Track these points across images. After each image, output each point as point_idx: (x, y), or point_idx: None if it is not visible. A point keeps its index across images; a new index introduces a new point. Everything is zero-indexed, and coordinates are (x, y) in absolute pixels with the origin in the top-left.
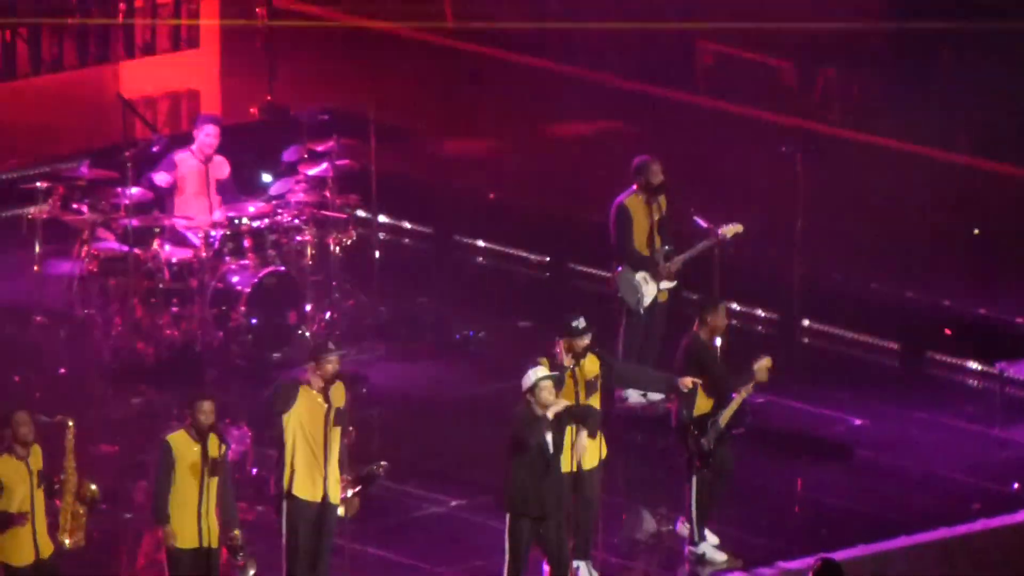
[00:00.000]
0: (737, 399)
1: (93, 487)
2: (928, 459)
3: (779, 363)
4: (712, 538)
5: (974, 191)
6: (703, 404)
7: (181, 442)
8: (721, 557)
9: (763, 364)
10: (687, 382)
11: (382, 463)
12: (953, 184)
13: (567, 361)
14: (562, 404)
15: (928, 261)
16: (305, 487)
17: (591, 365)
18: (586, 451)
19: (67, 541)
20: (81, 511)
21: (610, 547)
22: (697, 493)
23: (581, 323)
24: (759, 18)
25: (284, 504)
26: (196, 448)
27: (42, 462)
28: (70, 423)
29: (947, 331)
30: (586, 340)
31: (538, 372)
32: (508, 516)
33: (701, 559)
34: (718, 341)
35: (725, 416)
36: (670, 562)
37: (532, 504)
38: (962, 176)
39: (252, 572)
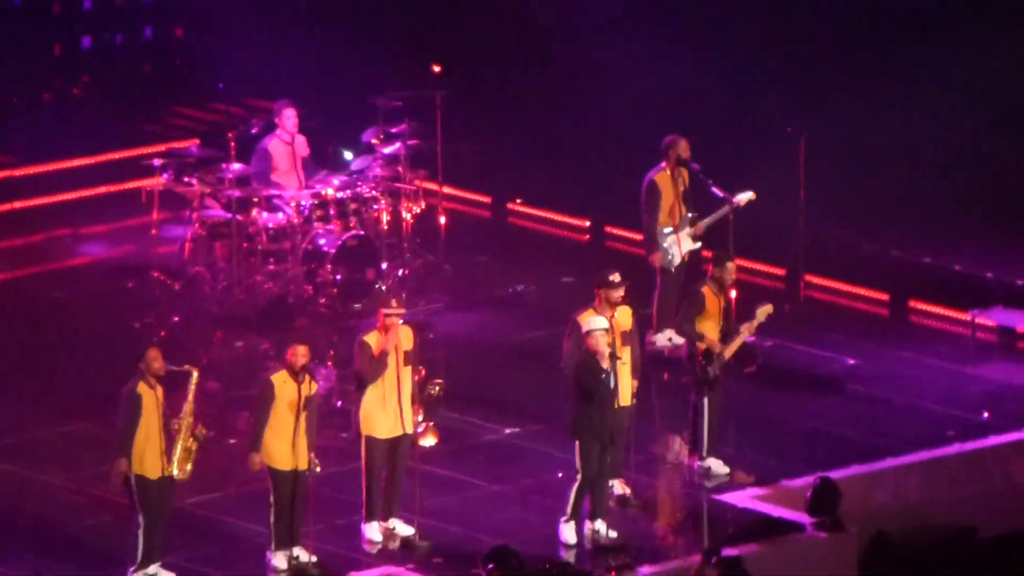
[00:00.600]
0: (739, 338)
1: (203, 430)
2: (911, 393)
3: (784, 312)
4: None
5: (952, 161)
6: (710, 338)
7: (280, 381)
8: (724, 470)
9: (765, 309)
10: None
11: (437, 382)
12: (936, 154)
13: (605, 312)
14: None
15: (912, 224)
16: (381, 426)
17: (625, 317)
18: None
19: (176, 472)
20: (193, 447)
21: (639, 466)
22: (705, 415)
23: (616, 277)
24: None
25: (363, 442)
26: (293, 386)
27: (163, 399)
28: (195, 372)
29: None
30: (620, 292)
31: (598, 321)
32: (579, 443)
33: (707, 472)
34: (733, 294)
35: (730, 349)
36: (688, 479)
37: (601, 433)
38: (943, 146)
39: (318, 468)
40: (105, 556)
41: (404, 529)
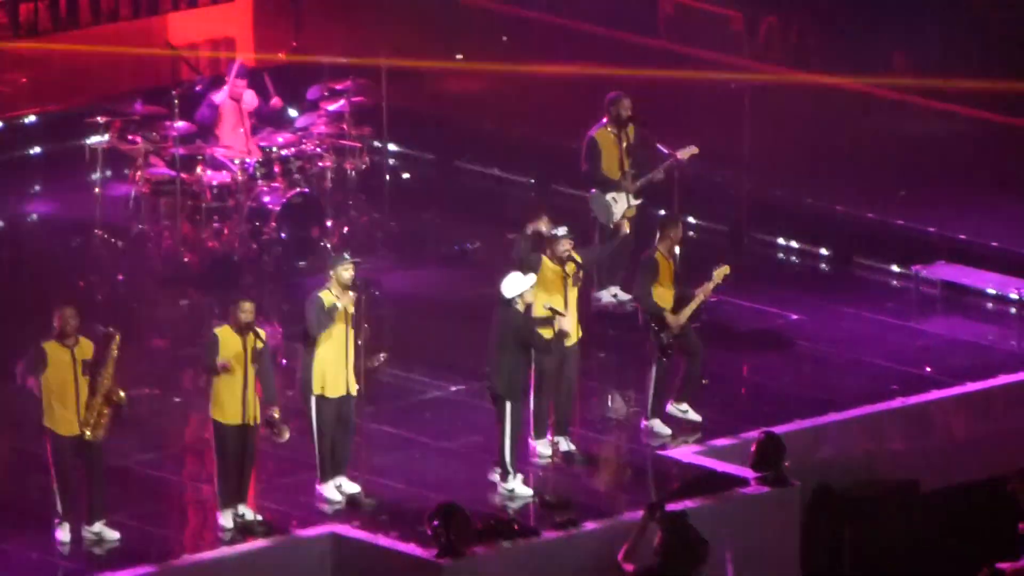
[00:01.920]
0: (695, 300)
1: (122, 394)
2: (854, 348)
3: (729, 269)
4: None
5: (895, 120)
6: (663, 303)
7: (226, 335)
8: (666, 431)
9: (722, 271)
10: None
11: (381, 355)
12: (875, 113)
13: (553, 264)
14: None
15: (854, 179)
16: (330, 386)
17: (572, 270)
18: (568, 335)
19: (88, 433)
20: (105, 411)
21: (585, 423)
22: (655, 380)
23: (561, 230)
24: None
25: (313, 403)
26: (238, 340)
27: (91, 355)
28: (117, 336)
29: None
30: (567, 244)
31: (528, 279)
32: (509, 402)
33: (650, 431)
34: (677, 250)
35: (684, 313)
36: (634, 436)
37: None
38: (888, 108)
39: (286, 436)
40: (44, 516)
41: (350, 487)
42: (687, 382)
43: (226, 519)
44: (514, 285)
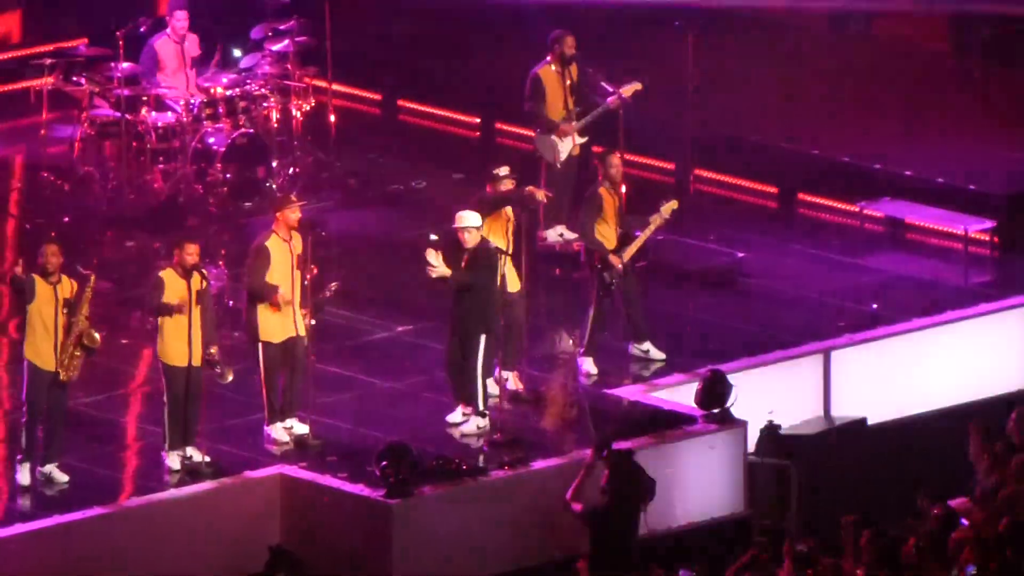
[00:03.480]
0: (641, 236)
1: (96, 335)
2: (801, 285)
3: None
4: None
5: (839, 53)
6: (607, 242)
7: (171, 277)
8: (594, 369)
9: (670, 205)
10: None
11: (332, 285)
12: (818, 46)
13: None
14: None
15: (801, 115)
16: (275, 330)
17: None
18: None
19: (61, 374)
20: (78, 353)
21: (533, 363)
22: (592, 317)
23: (503, 170)
24: None
25: (260, 347)
26: (182, 283)
27: (71, 294)
28: (92, 278)
29: None
30: (509, 184)
31: (470, 217)
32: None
33: (581, 367)
34: (623, 189)
35: (628, 252)
36: (577, 373)
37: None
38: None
39: (230, 378)
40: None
41: (300, 428)
42: (632, 323)
43: (173, 461)
44: (469, 217)
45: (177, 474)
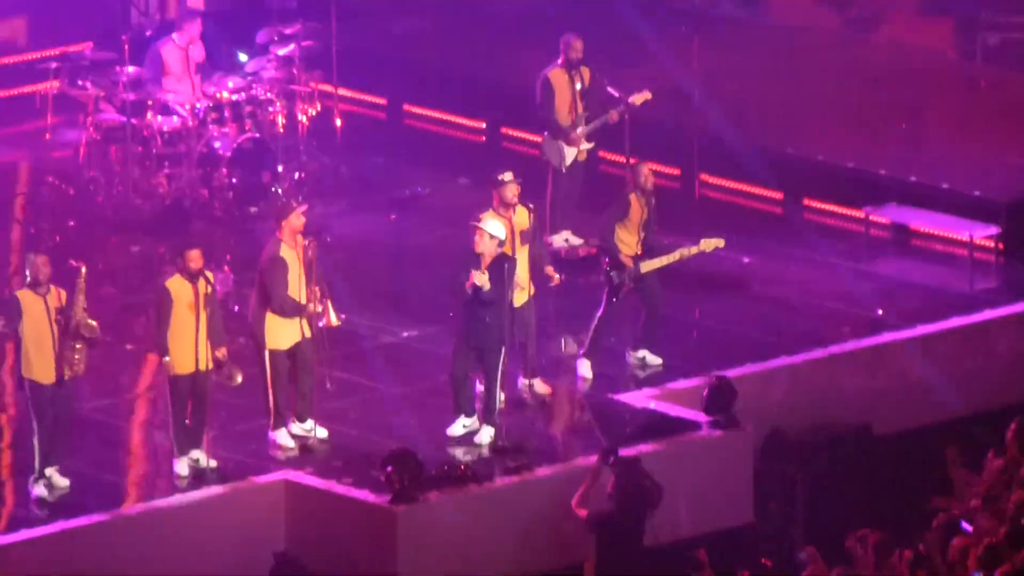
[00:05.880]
0: (669, 258)
1: (93, 324)
2: (805, 290)
3: (680, 211)
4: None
5: (849, 62)
6: (626, 247)
7: (176, 285)
8: (590, 374)
9: (713, 243)
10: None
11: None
12: (831, 56)
13: (501, 211)
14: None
15: (805, 122)
16: (283, 337)
17: (522, 216)
18: (517, 289)
19: (66, 371)
20: (79, 346)
21: (539, 368)
22: (598, 318)
23: (508, 175)
24: None
25: (267, 356)
26: (189, 288)
27: (62, 303)
28: (83, 269)
29: None
30: (515, 190)
31: (494, 225)
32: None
33: (580, 368)
34: (652, 201)
35: (650, 265)
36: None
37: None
38: (835, 49)
39: (239, 380)
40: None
41: (321, 431)
42: (646, 330)
43: (181, 466)
44: (493, 225)
45: (184, 479)
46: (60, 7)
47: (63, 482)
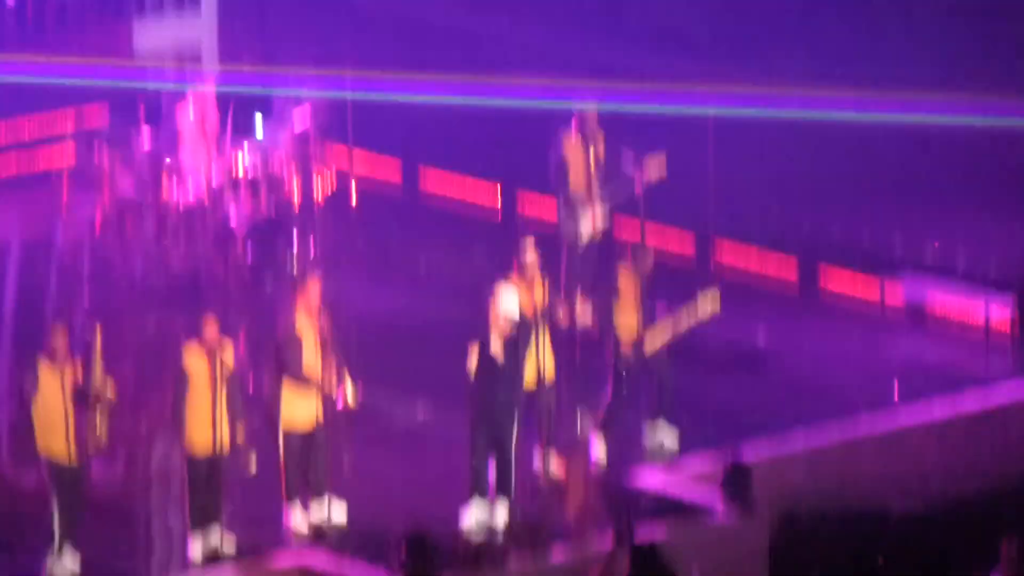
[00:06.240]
0: (678, 322)
1: (109, 388)
2: (821, 368)
3: (697, 285)
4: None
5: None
6: (625, 331)
7: (192, 361)
8: (604, 453)
9: (709, 295)
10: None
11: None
12: (836, 139)
13: (518, 283)
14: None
15: (824, 192)
16: (299, 419)
17: (538, 290)
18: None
19: (90, 440)
20: (98, 416)
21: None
22: (608, 397)
23: (528, 242)
24: None
25: (280, 435)
26: (205, 364)
27: (79, 377)
28: (99, 330)
29: None
30: (533, 257)
31: (509, 296)
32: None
33: (592, 446)
34: (646, 274)
35: (655, 336)
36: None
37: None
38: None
39: (253, 468)
40: (20, 542)
41: (337, 509)
42: (660, 403)
43: (196, 546)
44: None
45: (199, 559)
46: (77, 69)
47: (74, 563)
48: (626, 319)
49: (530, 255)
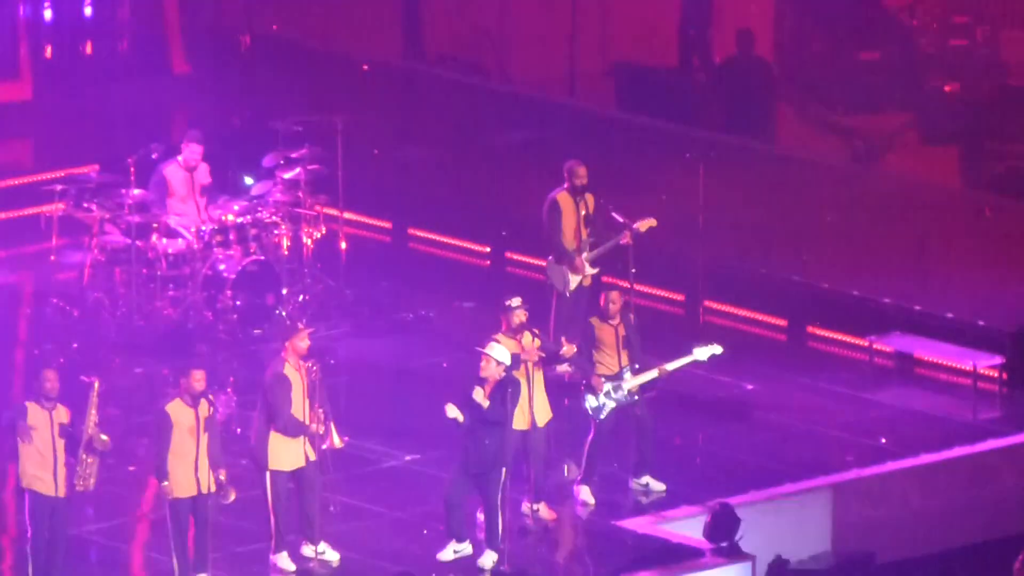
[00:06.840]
0: (651, 373)
1: (105, 438)
2: (809, 418)
3: (684, 336)
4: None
5: (849, 191)
6: (605, 369)
7: (177, 409)
8: (591, 500)
9: (707, 350)
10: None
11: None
12: (832, 185)
13: (509, 335)
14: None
15: (811, 248)
16: (286, 459)
17: (528, 342)
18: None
19: (78, 484)
20: (91, 460)
21: (542, 493)
22: (588, 444)
23: (516, 301)
24: None
25: (268, 476)
26: (190, 412)
27: (68, 419)
28: (96, 384)
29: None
30: (522, 315)
31: (500, 350)
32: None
33: (578, 496)
34: (631, 317)
35: (632, 381)
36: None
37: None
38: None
39: (232, 497)
40: None
41: (332, 554)
42: (641, 454)
43: None
44: (500, 352)
45: None
46: (66, 129)
47: None
48: (607, 361)
49: (518, 313)
